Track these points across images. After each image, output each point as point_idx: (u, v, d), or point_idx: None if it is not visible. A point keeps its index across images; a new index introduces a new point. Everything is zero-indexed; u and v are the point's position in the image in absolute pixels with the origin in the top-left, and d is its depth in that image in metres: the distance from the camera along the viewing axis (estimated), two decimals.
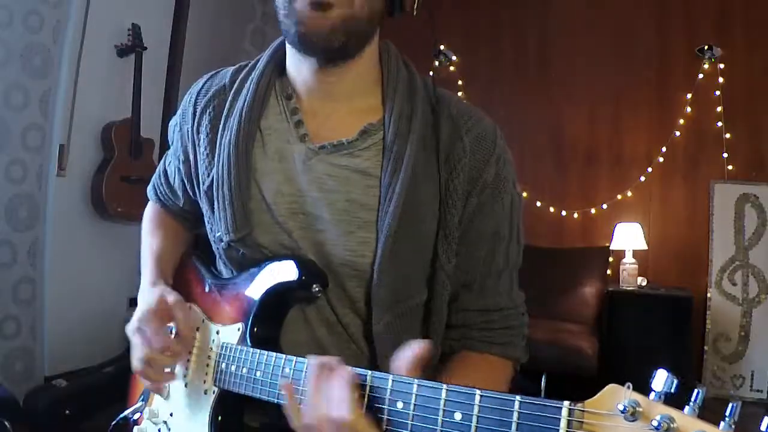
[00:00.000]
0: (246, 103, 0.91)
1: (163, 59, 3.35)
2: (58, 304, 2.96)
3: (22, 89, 2.79)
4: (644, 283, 3.71)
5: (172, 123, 1.04)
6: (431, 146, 0.88)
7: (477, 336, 0.91)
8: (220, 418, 0.88)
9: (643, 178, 3.98)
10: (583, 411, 0.53)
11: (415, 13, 0.88)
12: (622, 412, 0.51)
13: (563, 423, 0.54)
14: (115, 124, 3.06)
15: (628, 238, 3.77)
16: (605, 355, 3.36)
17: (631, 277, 3.69)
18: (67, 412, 2.53)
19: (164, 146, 3.29)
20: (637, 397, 0.51)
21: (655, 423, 0.49)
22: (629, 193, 4.00)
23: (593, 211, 4.09)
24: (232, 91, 0.94)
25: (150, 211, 1.15)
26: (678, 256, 3.88)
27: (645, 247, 3.78)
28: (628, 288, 3.68)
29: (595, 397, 0.53)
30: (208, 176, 0.93)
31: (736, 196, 3.74)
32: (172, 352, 0.91)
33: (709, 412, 0.51)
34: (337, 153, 0.88)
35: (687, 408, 0.50)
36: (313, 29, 0.81)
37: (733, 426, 0.48)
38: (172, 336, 0.91)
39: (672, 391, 0.51)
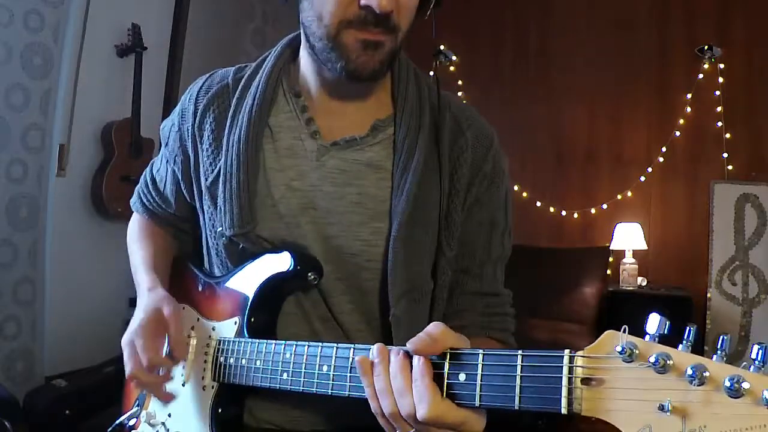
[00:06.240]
0: (255, 101, 0.92)
1: (163, 59, 3.35)
2: (58, 304, 2.95)
3: (22, 89, 2.79)
4: (644, 283, 3.72)
5: (166, 125, 1.04)
6: (436, 141, 0.91)
7: (479, 321, 0.94)
8: (220, 410, 0.88)
9: (643, 178, 3.98)
10: (583, 357, 0.56)
11: (426, 17, 0.89)
12: (621, 353, 0.53)
13: (565, 370, 0.56)
14: (115, 124, 3.06)
15: (628, 238, 3.77)
16: None
17: (631, 277, 3.69)
18: (67, 412, 2.52)
19: None
20: (634, 339, 0.54)
21: (652, 359, 0.52)
22: (629, 193, 4.00)
23: (593, 211, 4.09)
24: (239, 89, 0.94)
25: (136, 223, 1.13)
26: (678, 256, 3.88)
27: (645, 247, 3.78)
28: (628, 288, 3.68)
29: (593, 344, 0.56)
30: (212, 171, 0.93)
31: (736, 196, 3.74)
32: (160, 369, 0.92)
33: None
34: (349, 149, 0.91)
35: (680, 346, 0.52)
36: (362, 66, 0.83)
37: (724, 358, 0.50)
38: (164, 352, 0.91)
39: (665, 332, 0.54)
